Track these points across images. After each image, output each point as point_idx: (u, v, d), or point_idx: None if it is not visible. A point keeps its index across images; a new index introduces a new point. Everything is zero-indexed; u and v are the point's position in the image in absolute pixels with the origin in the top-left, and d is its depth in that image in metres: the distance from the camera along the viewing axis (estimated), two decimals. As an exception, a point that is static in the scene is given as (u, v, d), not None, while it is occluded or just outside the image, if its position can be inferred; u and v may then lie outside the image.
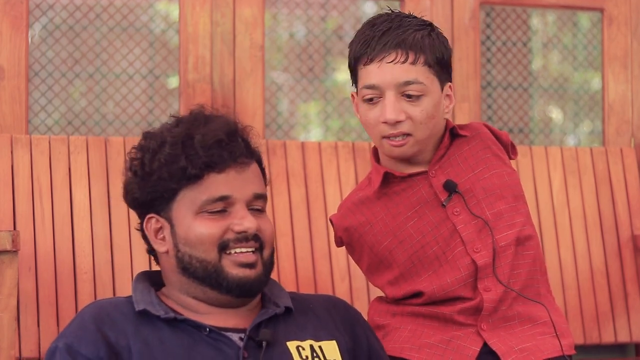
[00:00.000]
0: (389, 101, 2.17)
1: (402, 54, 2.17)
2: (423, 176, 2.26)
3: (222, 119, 2.05)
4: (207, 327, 1.97)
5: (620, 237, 3.41)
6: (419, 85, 2.17)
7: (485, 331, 2.21)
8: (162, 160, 1.99)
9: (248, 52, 3.27)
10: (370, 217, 2.29)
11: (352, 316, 2.16)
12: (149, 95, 3.58)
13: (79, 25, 3.49)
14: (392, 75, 2.17)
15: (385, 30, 2.19)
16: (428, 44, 2.19)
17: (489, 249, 2.21)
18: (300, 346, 2.03)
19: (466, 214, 2.23)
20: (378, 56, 2.18)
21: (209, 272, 2.00)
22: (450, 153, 2.27)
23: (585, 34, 4.08)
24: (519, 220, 2.26)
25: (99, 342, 1.93)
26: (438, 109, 2.21)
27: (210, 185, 1.99)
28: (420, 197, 2.25)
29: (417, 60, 2.17)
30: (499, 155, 2.30)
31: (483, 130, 2.31)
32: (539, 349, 2.21)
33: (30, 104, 3.34)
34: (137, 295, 2.02)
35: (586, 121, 4.18)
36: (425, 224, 2.24)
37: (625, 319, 3.37)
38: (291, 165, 3.16)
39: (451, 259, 2.23)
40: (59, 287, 2.87)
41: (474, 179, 2.26)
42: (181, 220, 2.00)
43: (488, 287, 2.21)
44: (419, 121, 2.18)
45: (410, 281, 2.26)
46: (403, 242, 2.25)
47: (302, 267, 3.09)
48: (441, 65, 2.21)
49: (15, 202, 2.89)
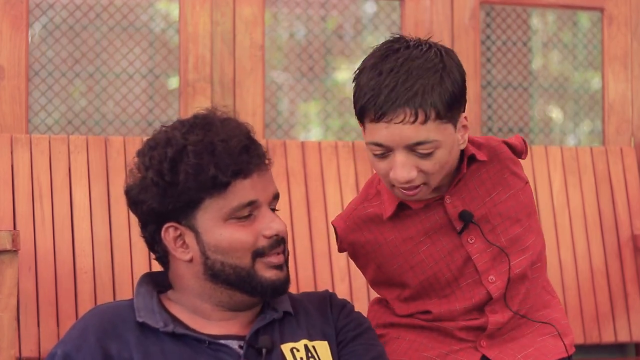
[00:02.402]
0: (399, 161, 2.03)
1: (411, 114, 1.99)
2: (438, 201, 2.16)
3: (233, 122, 2.02)
4: (206, 340, 1.98)
5: (620, 236, 3.41)
6: (431, 143, 2.02)
7: (484, 348, 2.19)
8: (189, 171, 1.94)
9: (248, 51, 3.27)
10: (379, 237, 2.21)
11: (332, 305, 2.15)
12: (149, 94, 3.58)
13: (79, 25, 3.49)
14: (400, 136, 2.00)
15: (392, 85, 2.00)
16: (439, 93, 2.01)
17: (504, 278, 2.16)
18: (295, 348, 2.03)
19: (481, 242, 2.16)
20: (386, 116, 2.00)
21: (242, 277, 1.99)
22: (467, 177, 2.17)
23: (585, 34, 4.08)
24: (531, 241, 2.20)
25: (97, 355, 1.93)
26: (452, 152, 2.08)
27: (238, 192, 1.97)
28: (435, 223, 2.17)
29: (428, 118, 2.00)
30: (515, 173, 2.21)
31: (501, 150, 2.20)
32: (541, 352, 2.19)
33: (30, 104, 3.34)
34: (139, 302, 2.02)
35: (586, 121, 4.18)
36: (439, 250, 2.18)
37: (625, 319, 3.37)
38: (291, 165, 3.15)
39: (464, 287, 2.18)
40: (59, 286, 2.87)
41: (490, 204, 2.18)
42: (209, 228, 1.98)
43: (495, 310, 2.18)
44: (431, 173, 2.05)
45: (419, 301, 2.23)
46: (414, 268, 2.20)
47: (302, 267, 3.09)
48: (454, 105, 2.04)
49: (15, 202, 2.89)
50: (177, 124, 2.03)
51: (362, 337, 2.11)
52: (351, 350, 2.08)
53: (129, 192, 2.03)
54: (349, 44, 3.92)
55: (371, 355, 2.08)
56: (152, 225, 2.02)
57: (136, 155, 2.03)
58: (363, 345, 2.09)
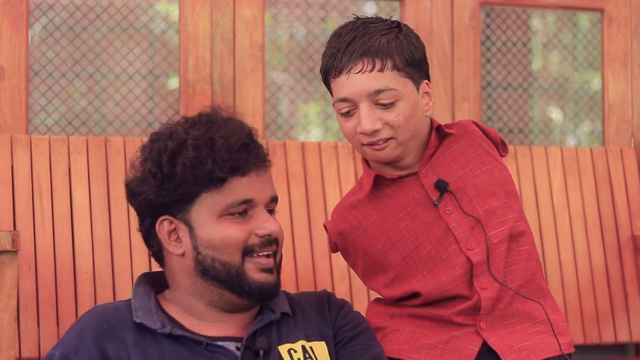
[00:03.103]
0: (363, 112, 2.16)
1: (369, 63, 2.15)
2: (414, 177, 2.25)
3: (236, 121, 2.04)
4: (203, 342, 1.98)
5: (620, 237, 3.41)
6: (390, 91, 2.16)
7: (484, 330, 2.21)
8: (187, 163, 1.97)
9: (248, 52, 3.27)
10: (363, 221, 2.28)
11: (330, 305, 2.16)
12: (149, 95, 3.58)
13: (79, 26, 3.49)
14: (361, 85, 2.15)
15: (350, 40, 2.16)
16: (395, 47, 2.16)
17: (483, 247, 2.21)
18: (292, 349, 2.03)
19: (458, 213, 2.23)
20: (345, 68, 2.16)
21: (231, 275, 2.00)
22: (440, 152, 2.26)
23: (585, 34, 4.08)
24: (511, 217, 2.25)
25: (95, 356, 1.93)
26: (416, 110, 2.20)
27: (234, 189, 1.99)
28: (412, 198, 2.25)
29: (385, 67, 2.15)
30: (489, 152, 2.29)
31: (471, 128, 2.30)
32: (538, 347, 2.21)
33: (30, 104, 3.34)
34: (137, 302, 2.02)
35: (586, 121, 4.18)
36: (418, 224, 2.24)
37: (625, 319, 3.37)
38: (291, 166, 3.16)
39: (445, 258, 2.23)
40: (59, 287, 2.87)
41: (464, 177, 2.25)
42: (203, 223, 1.99)
43: (484, 285, 2.21)
44: (397, 125, 2.17)
45: (405, 282, 2.26)
46: (396, 244, 2.25)
47: (302, 267, 3.10)
48: (413, 66, 2.18)
49: (15, 203, 2.89)
50: (182, 120, 2.06)
51: (361, 337, 2.11)
52: (349, 350, 2.08)
53: (129, 184, 2.05)
54: (349, 44, 3.91)
55: (370, 355, 2.08)
56: (148, 219, 2.04)
57: (139, 149, 2.05)
58: (361, 346, 2.10)
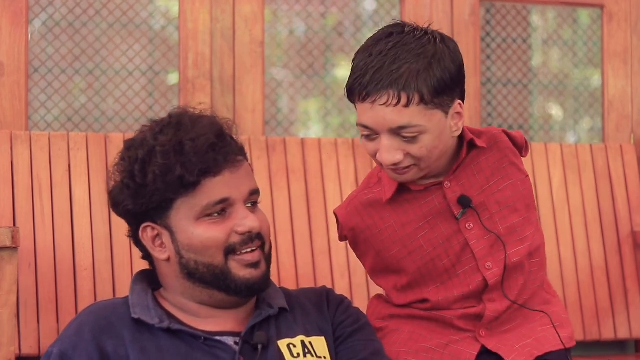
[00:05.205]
0: (383, 145, 2.06)
1: (394, 97, 2.02)
2: (437, 186, 2.18)
3: (206, 120, 2.01)
4: (201, 337, 1.98)
5: (620, 233, 3.41)
6: (414, 127, 2.04)
7: (483, 337, 2.19)
8: (157, 172, 1.95)
9: (248, 48, 3.27)
10: (379, 222, 2.22)
11: (329, 301, 2.15)
12: (149, 91, 3.58)
13: (79, 22, 3.49)
14: (384, 119, 2.03)
15: (378, 67, 2.03)
16: (424, 78, 2.02)
17: (501, 266, 2.16)
18: (291, 343, 2.03)
19: (479, 229, 2.17)
20: (370, 96, 2.03)
21: (216, 275, 1.99)
22: (467, 163, 2.19)
23: (585, 31, 4.08)
24: (530, 233, 2.21)
25: (94, 352, 1.93)
26: (442, 138, 2.09)
27: (208, 190, 1.97)
28: (433, 208, 2.18)
29: (411, 102, 2.02)
30: (515, 163, 2.22)
31: (501, 139, 2.21)
32: (540, 342, 2.20)
33: (30, 101, 3.34)
34: (134, 299, 2.02)
35: (586, 118, 4.18)
36: (437, 236, 2.18)
37: (625, 315, 3.37)
38: (291, 162, 3.16)
39: (461, 275, 2.18)
40: (59, 283, 2.87)
41: (488, 191, 2.19)
42: (182, 228, 1.99)
43: (493, 298, 2.19)
44: (419, 157, 2.08)
45: (417, 290, 2.23)
46: (412, 254, 2.20)
47: (302, 263, 3.09)
48: (444, 92, 2.05)
49: (15, 199, 2.89)
50: (152, 123, 2.04)
51: (360, 333, 2.11)
52: (349, 346, 2.08)
53: (110, 193, 2.05)
54: (349, 41, 3.92)
55: (369, 351, 2.08)
56: (133, 226, 2.04)
57: (117, 156, 2.04)
58: (361, 341, 2.09)
